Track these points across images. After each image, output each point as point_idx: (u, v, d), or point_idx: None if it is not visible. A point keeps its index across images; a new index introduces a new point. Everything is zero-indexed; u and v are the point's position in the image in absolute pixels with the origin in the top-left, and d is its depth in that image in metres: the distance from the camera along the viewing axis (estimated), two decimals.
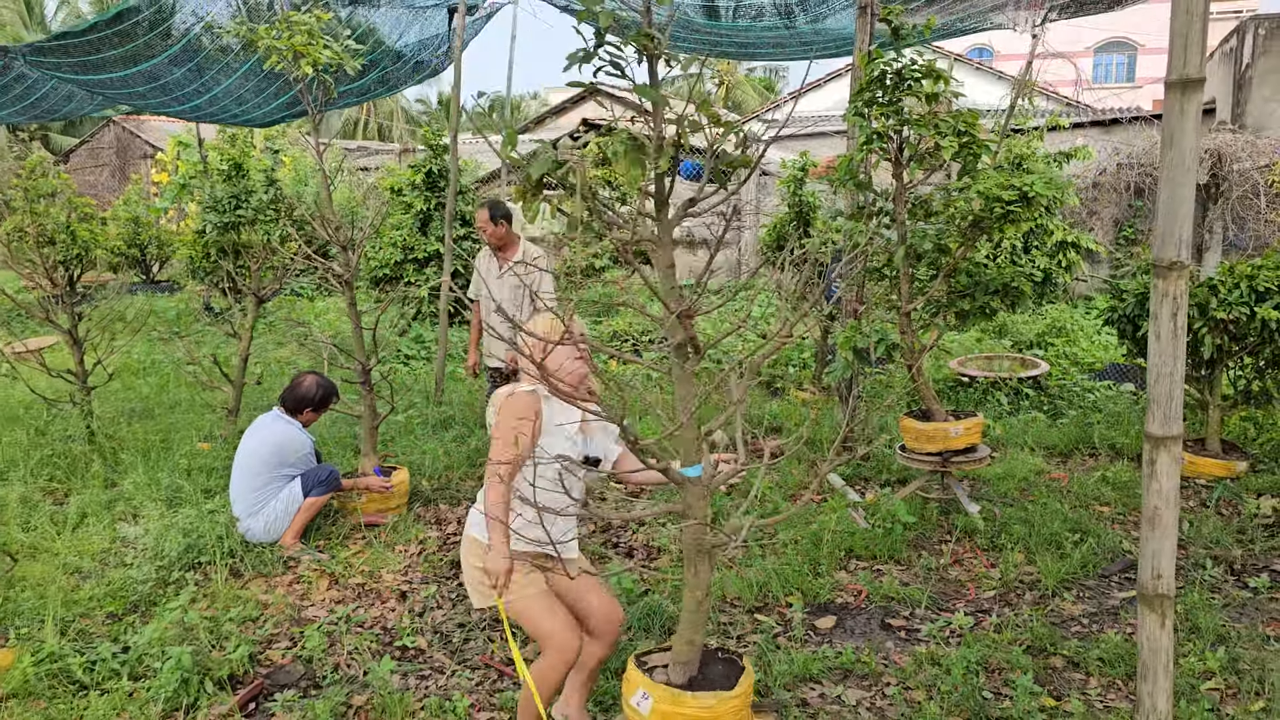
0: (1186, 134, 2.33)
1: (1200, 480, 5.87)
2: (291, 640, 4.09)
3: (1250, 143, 11.30)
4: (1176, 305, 2.40)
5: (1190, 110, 2.32)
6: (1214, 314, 5.67)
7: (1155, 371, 2.45)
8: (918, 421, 5.31)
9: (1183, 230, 2.37)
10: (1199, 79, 2.31)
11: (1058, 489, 5.78)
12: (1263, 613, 4.21)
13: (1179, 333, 2.41)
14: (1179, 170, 2.35)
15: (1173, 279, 2.39)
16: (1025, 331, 9.36)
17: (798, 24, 7.30)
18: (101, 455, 6.22)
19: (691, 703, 2.59)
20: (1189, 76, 2.30)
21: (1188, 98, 2.32)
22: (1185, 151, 2.34)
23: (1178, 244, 2.38)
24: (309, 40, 4.84)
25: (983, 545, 5.00)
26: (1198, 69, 2.30)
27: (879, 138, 5.15)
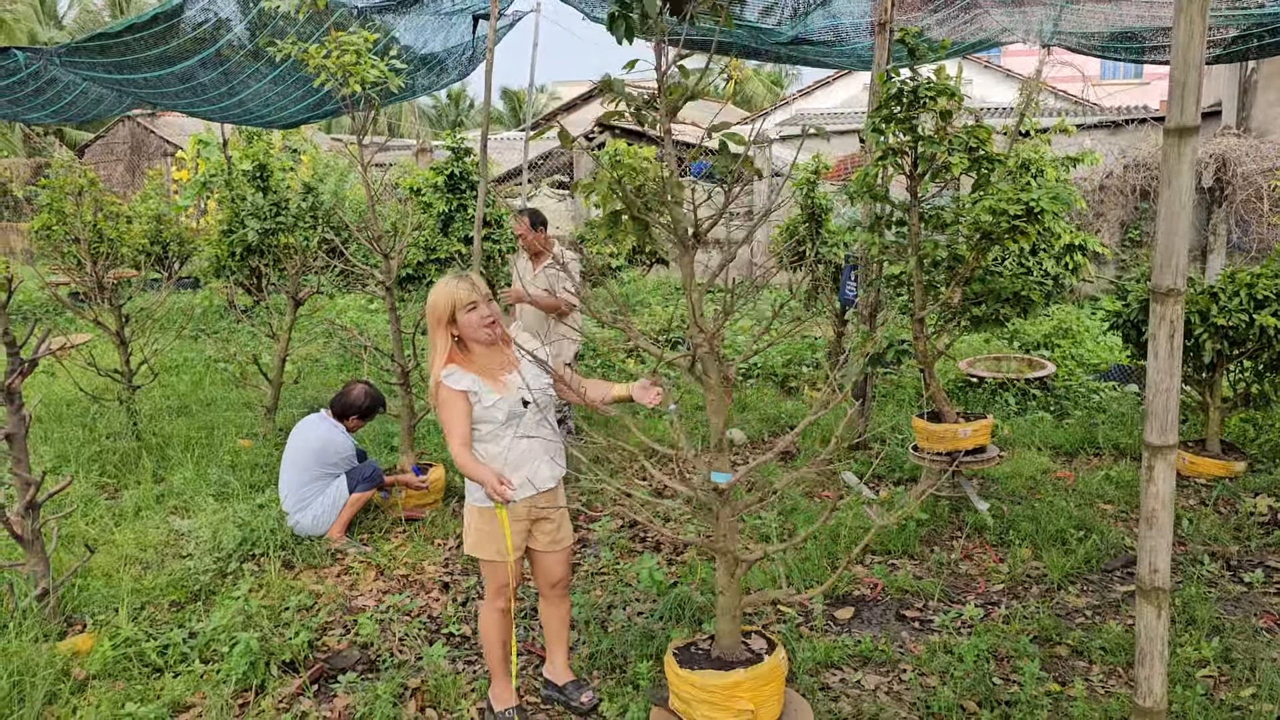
0: (1183, 175, 2.59)
1: (1200, 479, 6.13)
2: (345, 627, 4.37)
3: (1254, 147, 11.52)
4: (1173, 328, 2.66)
5: (1186, 154, 2.58)
6: (1214, 320, 5.93)
7: (1154, 387, 2.71)
8: (929, 423, 5.58)
9: (1179, 260, 2.63)
10: (1194, 126, 2.57)
11: (1063, 488, 6.04)
12: (1256, 605, 4.48)
13: (1175, 352, 2.67)
14: (1175, 207, 2.61)
15: (1170, 304, 2.65)
16: (1032, 333, 9.62)
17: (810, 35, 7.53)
18: (149, 451, 6.51)
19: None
20: (1185, 125, 2.56)
21: (1184, 143, 2.57)
22: (1182, 191, 2.60)
23: (1174, 272, 2.64)
24: (357, 60, 5.11)
25: (992, 541, 5.27)
26: (1194, 117, 2.56)
27: (894, 153, 5.41)
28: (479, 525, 3.43)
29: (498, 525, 3.40)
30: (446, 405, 3.35)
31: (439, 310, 3.35)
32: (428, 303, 3.42)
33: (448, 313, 3.35)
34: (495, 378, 3.42)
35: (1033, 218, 5.20)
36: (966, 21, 7.24)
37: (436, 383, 3.37)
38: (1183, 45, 2.54)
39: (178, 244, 15.92)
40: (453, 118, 51.84)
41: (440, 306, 3.35)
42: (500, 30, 9.81)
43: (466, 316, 3.36)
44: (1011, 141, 8.98)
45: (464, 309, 3.35)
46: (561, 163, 14.89)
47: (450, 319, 3.36)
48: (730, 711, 2.99)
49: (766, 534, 5.30)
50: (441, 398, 3.35)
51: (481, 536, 3.43)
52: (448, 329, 3.37)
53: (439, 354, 3.39)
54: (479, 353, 3.44)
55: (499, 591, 3.51)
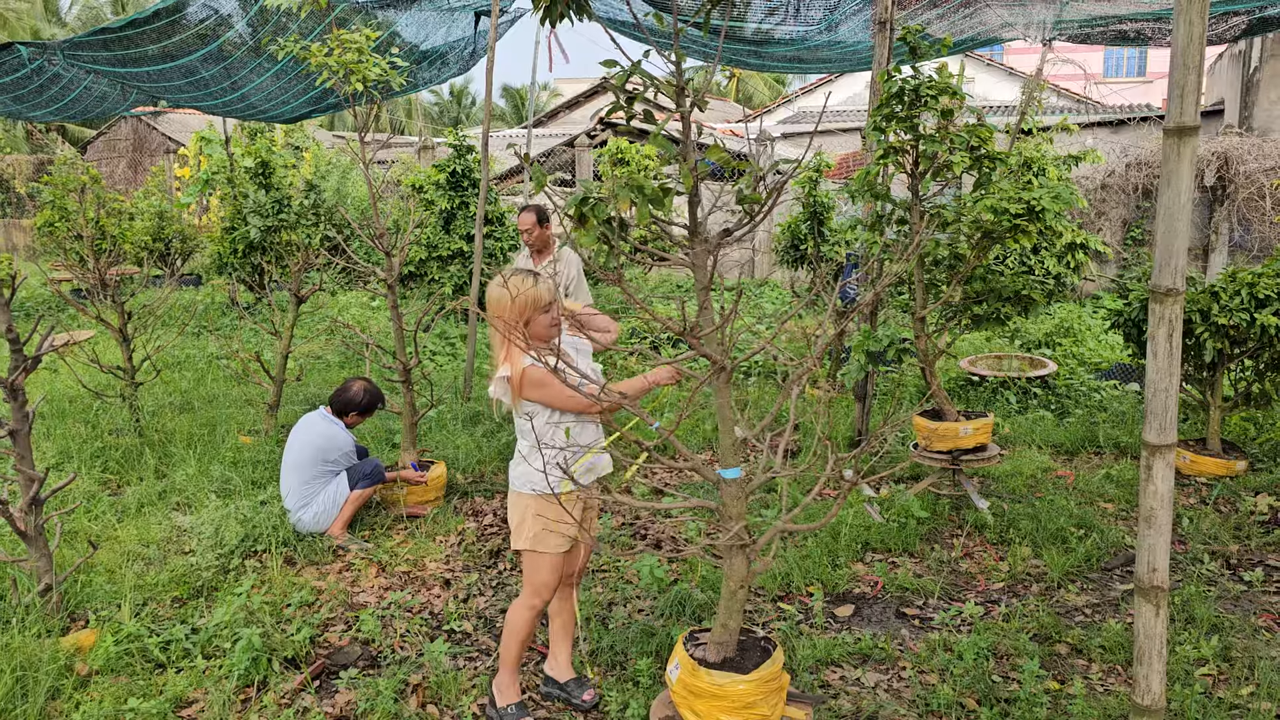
0: (1183, 176, 2.60)
1: (1201, 478, 6.13)
2: (347, 624, 4.39)
3: (1257, 145, 11.52)
4: (1172, 327, 2.67)
5: (1186, 154, 2.59)
6: (1216, 319, 5.93)
7: (1153, 386, 2.72)
8: (930, 421, 5.59)
9: (1178, 261, 2.64)
10: (1194, 126, 2.58)
11: (1064, 486, 6.05)
12: (1255, 604, 4.49)
13: (1174, 352, 2.68)
14: (1175, 208, 2.61)
15: (1169, 304, 2.66)
16: (1034, 332, 9.62)
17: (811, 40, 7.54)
18: (151, 448, 6.53)
19: (706, 679, 2.88)
20: (1185, 124, 2.57)
21: (1184, 143, 2.58)
22: (1181, 192, 2.61)
23: (1174, 272, 2.65)
24: (359, 58, 5.12)
25: (992, 539, 5.28)
26: (1193, 117, 2.57)
27: (895, 152, 5.42)
28: (540, 515, 3.39)
29: (557, 514, 3.38)
30: (547, 382, 3.31)
31: (521, 309, 3.31)
32: (498, 299, 3.34)
33: (527, 313, 3.33)
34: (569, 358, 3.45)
35: (1034, 216, 5.21)
36: (967, 17, 7.24)
37: (523, 370, 3.32)
38: (1182, 47, 2.55)
39: (180, 241, 15.94)
40: (455, 115, 51.92)
41: (524, 302, 3.31)
42: (500, 27, 9.83)
43: (542, 317, 3.36)
44: (1013, 140, 8.98)
45: (542, 310, 3.35)
46: (563, 160, 14.90)
47: (529, 319, 3.34)
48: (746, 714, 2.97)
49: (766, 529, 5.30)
50: (538, 379, 3.31)
51: (541, 528, 3.40)
52: (524, 324, 3.34)
53: (515, 350, 3.33)
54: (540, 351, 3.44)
55: (539, 589, 3.47)
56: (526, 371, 3.32)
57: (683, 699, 2.95)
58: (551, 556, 3.44)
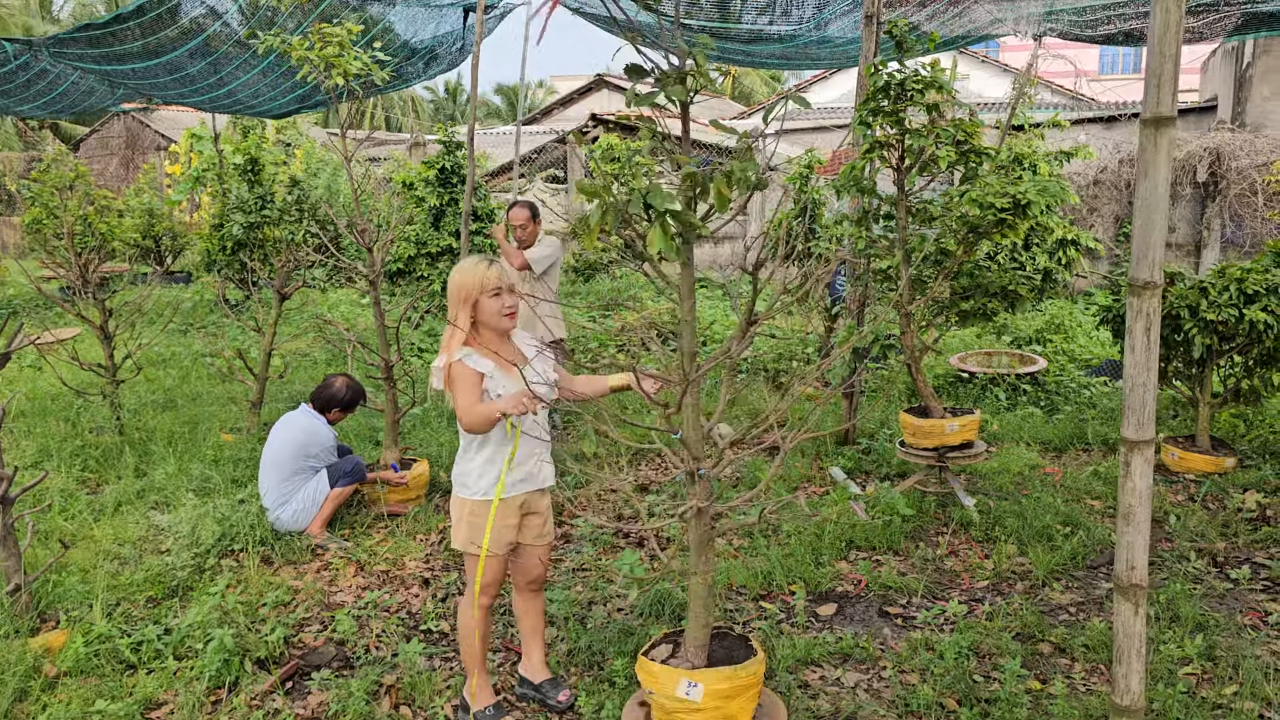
0: (1160, 167, 2.55)
1: (1189, 475, 6.09)
2: (323, 624, 4.34)
3: (1249, 141, 11.48)
4: (1150, 321, 2.62)
5: (1163, 145, 2.54)
6: (1204, 315, 5.89)
7: (1130, 381, 2.67)
8: (915, 418, 5.54)
9: (1155, 253, 2.59)
10: (1171, 117, 2.53)
11: (1051, 483, 6.00)
12: (1241, 602, 4.44)
13: (1152, 346, 2.63)
14: (1153, 200, 2.56)
15: (1146, 297, 2.61)
16: (1024, 328, 9.58)
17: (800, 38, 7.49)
18: (131, 446, 6.47)
19: (742, 674, 2.89)
20: (1161, 115, 2.52)
21: (1160, 133, 2.53)
22: (1159, 183, 2.56)
23: (1151, 266, 2.60)
24: (340, 52, 5.06)
25: (977, 537, 5.23)
26: (1170, 108, 2.52)
27: (880, 146, 5.37)
28: (471, 519, 3.37)
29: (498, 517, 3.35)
30: (462, 381, 3.26)
31: (465, 289, 3.30)
32: (451, 282, 3.34)
33: (473, 294, 3.30)
34: (508, 367, 3.38)
35: (1020, 211, 5.16)
36: (957, 15, 7.19)
37: (450, 362, 3.29)
38: (1158, 36, 2.50)
39: (170, 238, 15.87)
40: (449, 111, 51.75)
41: (467, 286, 3.29)
42: (489, 23, 9.77)
43: (490, 301, 3.31)
44: (1004, 135, 8.93)
45: (489, 293, 3.31)
46: (555, 157, 14.83)
47: (474, 301, 3.31)
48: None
49: (750, 530, 5.26)
50: (456, 374, 3.27)
51: (474, 531, 3.37)
52: (470, 311, 3.32)
53: (457, 335, 3.32)
54: (492, 341, 3.39)
55: (483, 588, 3.46)
56: (454, 366, 3.28)
57: None
58: (488, 557, 3.40)
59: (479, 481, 3.35)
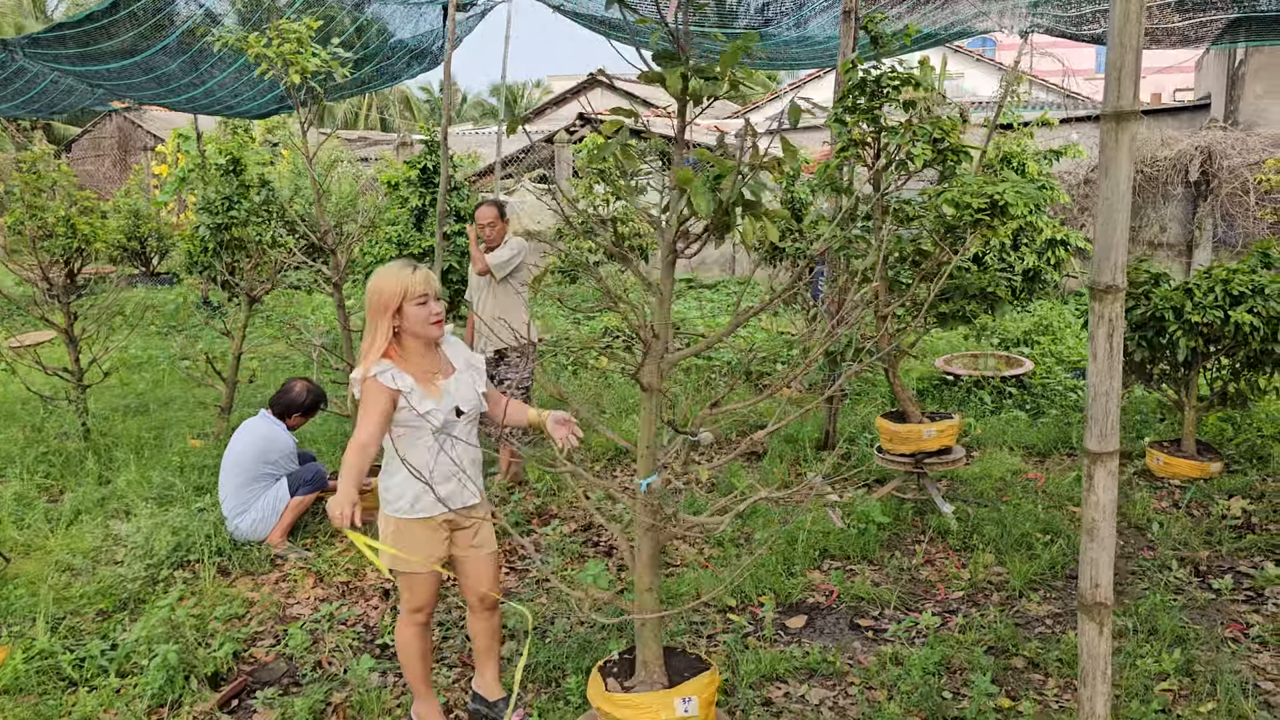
0: (1121, 165, 2.42)
1: (1175, 481, 5.97)
2: (276, 638, 4.21)
3: (1240, 139, 11.35)
4: (1112, 327, 2.49)
5: (1124, 141, 2.41)
6: (1189, 317, 5.76)
7: (1093, 390, 2.55)
8: (892, 423, 5.41)
9: (1118, 256, 2.47)
10: (1133, 111, 2.40)
11: (1033, 489, 5.88)
12: (1223, 614, 4.31)
13: (1115, 353, 2.50)
14: (1115, 199, 2.44)
15: (1109, 302, 2.48)
16: (1012, 329, 9.45)
17: (780, 35, 7.36)
18: (96, 452, 6.34)
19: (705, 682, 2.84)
20: (1123, 109, 2.39)
21: (1122, 129, 2.40)
22: (1120, 181, 2.43)
23: (1113, 268, 2.47)
24: (298, 49, 4.93)
25: (955, 546, 5.10)
26: (1131, 102, 2.39)
27: (855, 145, 5.24)
28: (395, 536, 3.25)
29: (416, 535, 3.24)
30: (370, 400, 3.10)
31: (386, 296, 3.10)
32: (371, 287, 3.14)
33: (396, 301, 3.10)
34: (430, 381, 3.22)
35: (998, 211, 5.04)
36: (939, 8, 7.06)
37: (366, 376, 3.13)
38: (1118, 27, 2.37)
39: (156, 240, 15.74)
40: None
41: (388, 292, 3.10)
42: (471, 21, 9.65)
43: (415, 309, 3.12)
44: (990, 133, 8.81)
45: (414, 300, 3.11)
46: (542, 157, 14.70)
47: (397, 309, 3.12)
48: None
49: (721, 538, 5.13)
50: (367, 390, 3.11)
51: (400, 548, 3.25)
52: (392, 319, 3.13)
53: (376, 345, 3.13)
54: (416, 351, 3.23)
55: (418, 605, 3.35)
56: (367, 381, 3.12)
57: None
58: (415, 575, 3.27)
59: (399, 500, 3.23)
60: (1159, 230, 12.00)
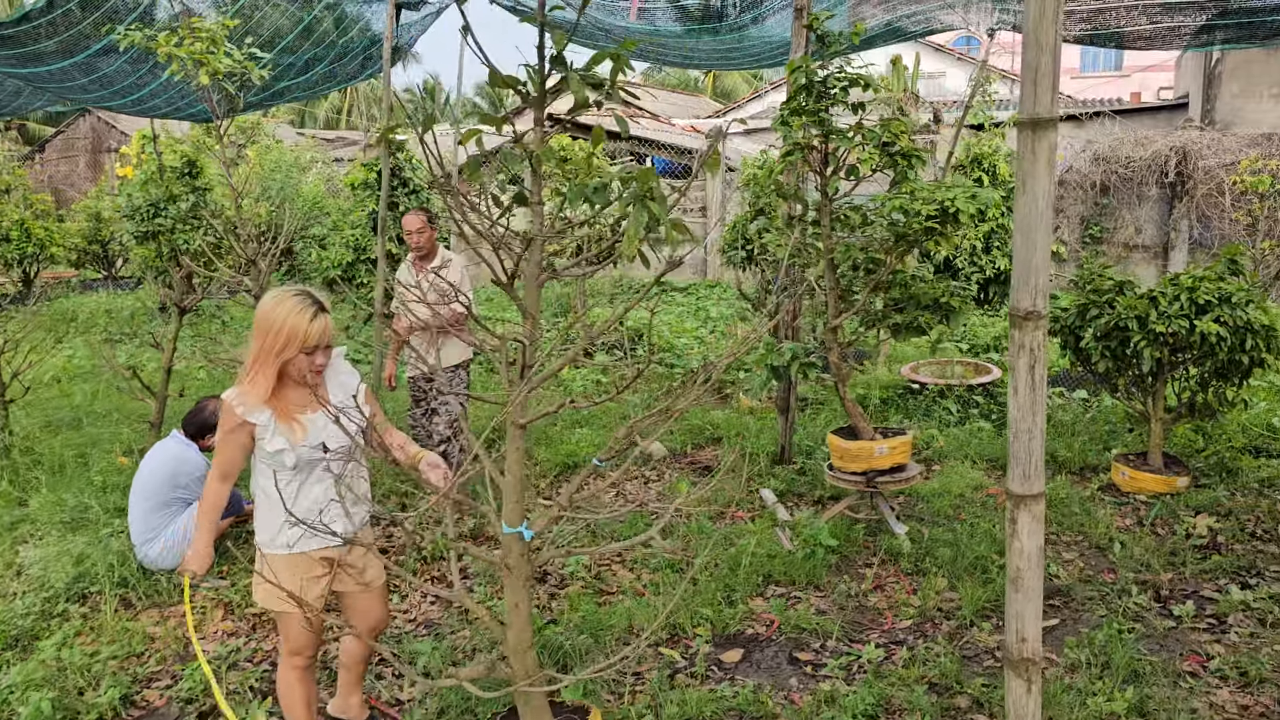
0: (1039, 178, 2.18)
1: (1140, 496, 5.74)
2: (174, 677, 3.94)
3: (1216, 139, 11.14)
4: (1034, 358, 2.24)
5: (1043, 152, 2.16)
6: (1154, 327, 5.53)
7: (1015, 427, 2.30)
8: (843, 440, 5.17)
9: (1038, 279, 2.22)
10: (1051, 119, 2.15)
11: (993, 506, 5.64)
12: (1182, 644, 4.08)
13: (1038, 386, 2.26)
14: (1032, 215, 2.19)
15: (1029, 330, 2.24)
16: (982, 335, 9.21)
17: (729, 29, 7.11)
18: (15, 472, 6.05)
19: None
20: (1040, 117, 2.15)
21: (1040, 138, 2.16)
22: (1039, 196, 2.18)
23: (1033, 293, 2.22)
24: (210, 48, 4.66)
25: (906, 569, 4.86)
26: (1049, 108, 2.14)
27: (800, 149, 4.99)
28: (268, 573, 2.99)
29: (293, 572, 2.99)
30: (228, 427, 2.92)
31: (283, 339, 2.85)
32: (264, 317, 2.90)
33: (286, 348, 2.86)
34: (291, 418, 2.97)
35: (949, 219, 4.79)
36: (902, 2, 6.82)
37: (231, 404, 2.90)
38: (1033, 25, 2.12)
39: (119, 243, 15.41)
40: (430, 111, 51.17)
41: (286, 335, 2.85)
42: (425, 20, 9.38)
43: (305, 358, 2.91)
44: (957, 134, 8.57)
45: (305, 350, 2.89)
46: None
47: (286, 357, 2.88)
48: None
49: (659, 564, 4.88)
50: (225, 416, 2.92)
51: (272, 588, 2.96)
52: (278, 359, 2.88)
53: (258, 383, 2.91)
54: (286, 386, 2.98)
55: (297, 649, 3.09)
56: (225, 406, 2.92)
57: None
58: (292, 616, 3.03)
59: (275, 536, 3.00)
60: (1134, 232, 11.79)
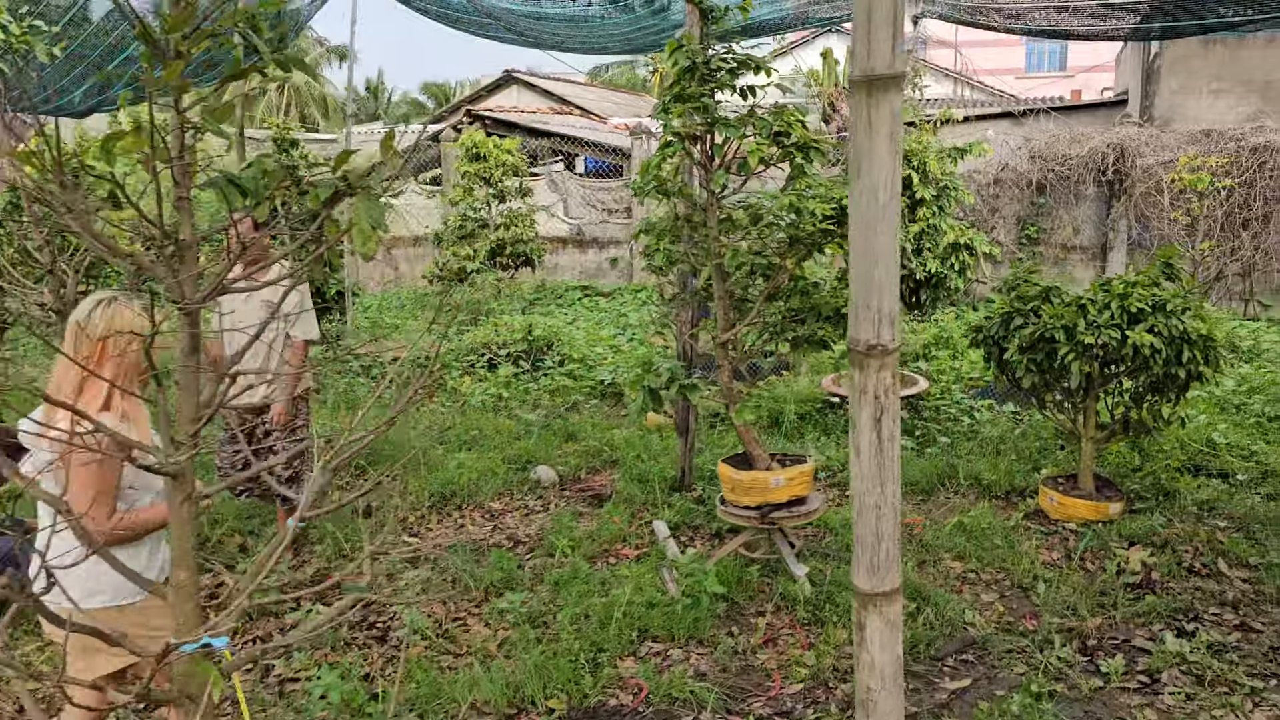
0: (879, 158, 1.56)
1: (1070, 524, 5.21)
2: None
3: (1155, 136, 10.74)
4: (880, 406, 1.63)
5: (883, 121, 1.55)
6: (1082, 338, 4.99)
7: (858, 502, 1.69)
8: (735, 469, 4.56)
9: (883, 300, 1.60)
10: (892, 76, 1.53)
11: (908, 536, 5.07)
12: (1110, 709, 3.52)
13: (886, 445, 1.64)
14: (871, 212, 1.57)
15: (872, 370, 1.62)
16: (912, 341, 8.67)
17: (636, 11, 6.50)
18: None
19: None
20: (876, 73, 1.53)
21: (878, 102, 1.54)
22: (879, 185, 1.56)
23: (876, 319, 1.61)
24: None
25: (803, 618, 4.25)
26: (889, 62, 1.52)
27: (681, 139, 4.38)
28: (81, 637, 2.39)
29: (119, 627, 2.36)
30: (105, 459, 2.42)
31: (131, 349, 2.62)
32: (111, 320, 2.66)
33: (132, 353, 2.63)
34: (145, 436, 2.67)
35: (847, 220, 4.19)
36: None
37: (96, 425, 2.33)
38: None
39: None
40: (372, 110, 49.94)
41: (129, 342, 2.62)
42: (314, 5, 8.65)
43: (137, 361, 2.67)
44: None
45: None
46: (430, 157, 13.67)
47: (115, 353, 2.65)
48: None
49: (519, 618, 4.22)
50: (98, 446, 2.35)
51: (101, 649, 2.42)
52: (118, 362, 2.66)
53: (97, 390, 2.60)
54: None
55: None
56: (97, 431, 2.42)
57: None
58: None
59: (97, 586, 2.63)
60: (1072, 233, 11.36)
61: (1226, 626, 4.14)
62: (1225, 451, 6.15)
